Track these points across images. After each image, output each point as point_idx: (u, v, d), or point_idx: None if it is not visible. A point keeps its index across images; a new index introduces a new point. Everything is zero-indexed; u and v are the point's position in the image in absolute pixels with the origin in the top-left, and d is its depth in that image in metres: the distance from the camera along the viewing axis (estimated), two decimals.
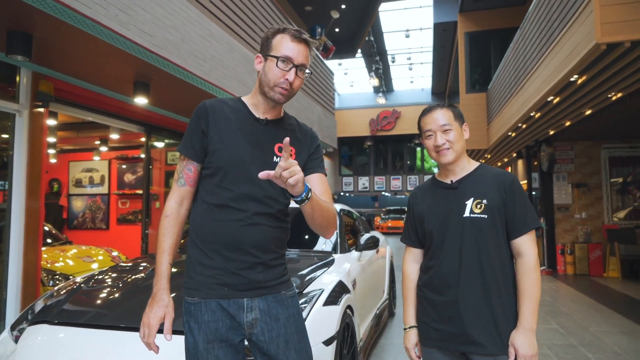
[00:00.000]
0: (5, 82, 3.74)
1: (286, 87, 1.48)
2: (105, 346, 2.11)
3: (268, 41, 1.51)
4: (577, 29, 4.40)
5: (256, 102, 1.56)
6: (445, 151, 1.70)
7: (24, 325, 2.43)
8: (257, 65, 1.54)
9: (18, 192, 3.79)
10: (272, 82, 1.48)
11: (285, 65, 1.46)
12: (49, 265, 5.23)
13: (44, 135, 3.99)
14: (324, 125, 8.72)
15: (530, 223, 1.65)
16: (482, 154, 11.92)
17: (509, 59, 8.22)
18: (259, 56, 1.53)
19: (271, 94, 1.50)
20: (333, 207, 1.54)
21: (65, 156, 8.71)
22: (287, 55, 1.46)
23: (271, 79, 1.48)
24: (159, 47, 3.58)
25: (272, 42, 1.50)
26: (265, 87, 1.50)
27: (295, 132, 1.61)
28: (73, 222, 8.69)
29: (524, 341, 1.56)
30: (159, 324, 1.42)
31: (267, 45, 1.51)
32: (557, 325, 5.17)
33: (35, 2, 2.63)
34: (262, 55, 1.52)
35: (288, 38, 1.48)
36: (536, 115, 6.83)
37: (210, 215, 1.46)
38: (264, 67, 1.50)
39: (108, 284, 2.80)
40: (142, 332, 1.44)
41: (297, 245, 3.76)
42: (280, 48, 1.47)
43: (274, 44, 1.49)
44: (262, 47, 1.53)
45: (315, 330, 2.31)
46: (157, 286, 1.46)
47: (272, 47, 1.49)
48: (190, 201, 1.53)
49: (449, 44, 13.70)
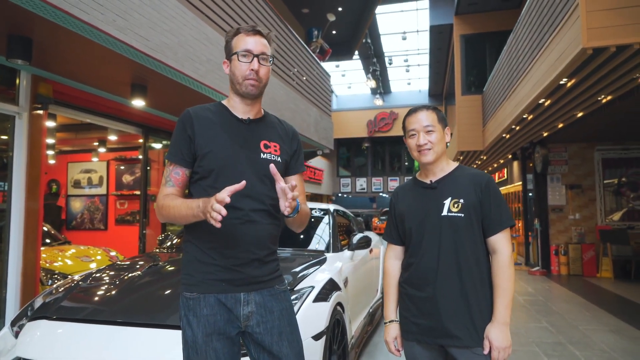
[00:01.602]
0: (5, 84, 3.82)
1: (254, 77, 1.57)
2: (102, 340, 2.19)
3: (228, 45, 1.62)
4: (565, 33, 4.50)
5: (234, 104, 1.64)
6: (427, 151, 1.78)
7: (24, 321, 2.50)
8: (226, 69, 1.64)
9: (18, 192, 3.87)
10: (240, 76, 1.57)
11: (247, 58, 1.56)
12: (48, 265, 5.30)
13: (43, 137, 4.07)
14: (320, 126, 8.81)
15: (505, 222, 1.73)
16: (477, 155, 12.01)
17: (503, 62, 8.32)
18: (225, 62, 1.64)
19: (243, 89, 1.58)
20: (308, 208, 1.69)
21: (64, 157, 8.76)
22: (246, 48, 1.57)
23: (238, 75, 1.58)
24: (156, 50, 3.66)
25: (232, 44, 1.61)
26: (236, 85, 1.60)
27: (277, 129, 1.70)
28: (72, 223, 8.75)
29: (498, 334, 1.64)
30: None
31: (229, 49, 1.62)
32: (547, 323, 5.26)
33: (35, 7, 2.72)
34: (227, 59, 1.63)
35: (243, 35, 1.60)
36: (529, 117, 6.93)
37: None
38: (231, 68, 1.61)
39: (105, 281, 2.87)
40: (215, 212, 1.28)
41: (290, 244, 3.85)
42: (239, 45, 1.59)
43: (233, 45, 1.61)
44: (226, 53, 1.64)
45: (305, 326, 2.39)
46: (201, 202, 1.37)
47: (233, 48, 1.60)
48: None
49: (445, 46, 13.80)
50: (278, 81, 6.67)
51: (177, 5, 4.05)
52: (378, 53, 17.29)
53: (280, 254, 3.58)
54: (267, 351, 1.55)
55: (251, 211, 1.53)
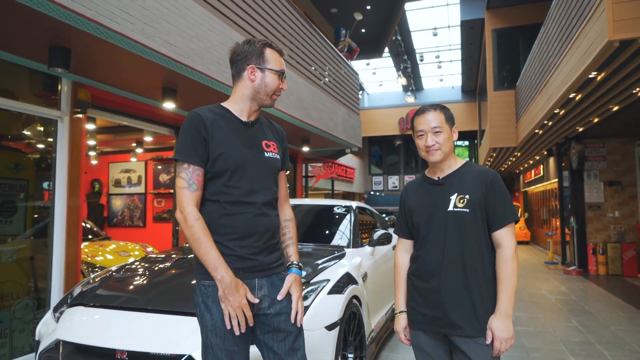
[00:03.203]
0: (49, 91, 4.14)
1: (280, 94, 1.78)
2: (132, 325, 2.37)
3: (259, 54, 1.72)
4: (592, 26, 4.39)
5: (243, 108, 1.75)
6: (434, 152, 1.84)
7: (64, 308, 2.74)
8: (252, 75, 1.72)
9: (60, 191, 4.18)
10: (272, 91, 1.75)
11: (281, 77, 1.77)
12: (89, 259, 5.67)
13: (83, 139, 4.37)
14: (348, 125, 8.89)
15: (509, 217, 1.78)
16: (511, 152, 11.74)
17: (535, 56, 8.13)
18: (253, 67, 1.71)
19: (268, 101, 1.77)
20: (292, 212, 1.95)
21: (105, 158, 9.24)
22: (283, 69, 1.77)
23: (271, 89, 1.75)
24: (183, 56, 3.87)
25: (265, 56, 1.73)
26: (262, 95, 1.74)
27: (271, 130, 1.88)
28: (113, 220, 9.21)
29: (500, 325, 1.70)
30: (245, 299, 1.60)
31: (261, 58, 1.72)
32: (578, 323, 5.14)
33: (72, 20, 2.96)
34: (257, 67, 1.72)
35: (277, 54, 1.77)
36: (560, 112, 6.75)
37: (223, 210, 1.64)
38: (263, 78, 1.73)
39: (137, 272, 3.09)
40: (238, 314, 1.57)
41: (312, 240, 3.97)
42: (275, 62, 1.75)
43: (267, 58, 1.73)
44: (253, 59, 1.71)
45: (318, 316, 2.51)
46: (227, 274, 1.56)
47: (267, 61, 1.73)
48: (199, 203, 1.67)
49: (477, 41, 13.54)
50: (304, 81, 6.80)
51: (203, 12, 4.24)
52: (409, 50, 17.13)
53: (302, 249, 3.71)
54: (275, 329, 1.69)
55: (262, 205, 1.70)
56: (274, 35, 5.82)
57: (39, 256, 4.12)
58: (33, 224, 4.10)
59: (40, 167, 4.18)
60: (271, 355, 1.70)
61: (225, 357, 1.60)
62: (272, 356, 1.70)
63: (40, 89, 4.09)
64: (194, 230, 1.57)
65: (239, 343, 1.63)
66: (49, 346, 2.49)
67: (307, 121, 6.67)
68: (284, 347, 1.68)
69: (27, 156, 4.07)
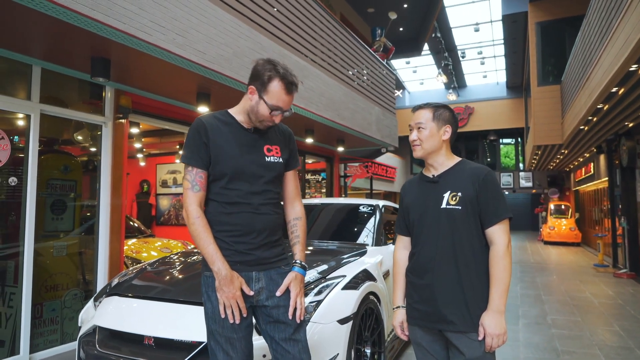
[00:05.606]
0: (95, 98, 4.50)
1: (271, 125, 1.82)
2: (161, 314, 2.56)
3: (264, 81, 1.73)
4: (629, 17, 4.20)
5: (244, 120, 1.84)
6: (416, 147, 1.91)
7: (103, 297, 3.01)
8: (250, 95, 1.77)
9: (105, 191, 4.53)
10: (261, 118, 1.77)
11: (275, 112, 1.76)
12: (134, 255, 6.06)
13: (125, 143, 4.70)
14: (382, 124, 8.89)
15: (502, 214, 1.79)
16: (557, 150, 11.26)
17: (578, 49, 7.79)
18: (253, 89, 1.75)
19: (257, 124, 1.81)
20: (302, 210, 2.00)
21: (153, 160, 9.76)
22: (279, 106, 1.75)
23: (260, 116, 1.77)
24: (212, 62, 4.08)
25: (269, 87, 1.73)
26: (252, 116, 1.80)
27: (276, 133, 1.93)
28: (160, 219, 9.71)
29: (492, 321, 1.71)
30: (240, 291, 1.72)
31: (263, 87, 1.73)
32: (619, 327, 4.91)
33: (110, 34, 3.23)
34: (257, 92, 1.75)
35: (283, 90, 1.73)
36: (604, 107, 6.44)
37: (223, 210, 1.78)
38: (257, 103, 1.74)
39: (170, 265, 3.31)
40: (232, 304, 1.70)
41: (337, 238, 4.07)
42: (275, 98, 1.73)
43: (270, 89, 1.73)
44: (256, 83, 1.75)
45: (331, 311, 2.60)
46: (223, 267, 1.70)
47: (268, 92, 1.73)
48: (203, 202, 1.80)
49: (520, 35, 13.08)
50: (336, 82, 6.89)
51: (232, 19, 4.45)
52: (450, 47, 16.78)
53: (327, 247, 3.82)
54: (275, 320, 1.80)
55: (259, 205, 1.80)
56: (302, 37, 5.95)
57: (86, 251, 4.49)
58: (81, 221, 4.47)
59: (87, 168, 4.55)
60: (274, 345, 1.82)
61: (224, 343, 1.74)
62: (275, 346, 1.82)
63: (87, 97, 4.45)
64: (195, 227, 1.72)
65: (238, 331, 1.75)
66: (87, 331, 2.75)
67: (338, 121, 6.75)
68: (285, 337, 1.80)
69: (75, 159, 4.44)
